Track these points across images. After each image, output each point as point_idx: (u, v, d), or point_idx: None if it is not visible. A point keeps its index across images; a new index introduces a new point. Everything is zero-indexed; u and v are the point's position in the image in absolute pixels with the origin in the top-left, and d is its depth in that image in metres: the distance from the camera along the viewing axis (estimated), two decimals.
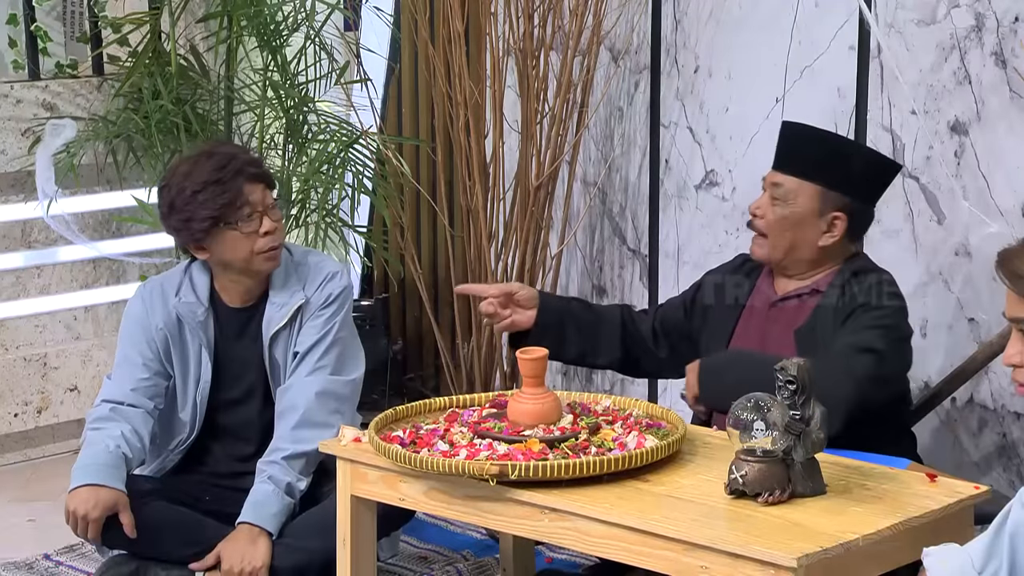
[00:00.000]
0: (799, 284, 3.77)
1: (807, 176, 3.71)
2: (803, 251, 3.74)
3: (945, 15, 4.19)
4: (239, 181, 3.85)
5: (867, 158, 3.81)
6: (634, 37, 4.95)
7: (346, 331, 4.00)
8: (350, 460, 3.47)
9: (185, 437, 4.01)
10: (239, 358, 4.01)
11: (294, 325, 3.97)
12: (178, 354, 3.99)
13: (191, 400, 3.99)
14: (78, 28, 5.47)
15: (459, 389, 5.12)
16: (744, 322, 3.82)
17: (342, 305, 3.99)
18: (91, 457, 3.81)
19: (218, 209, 3.82)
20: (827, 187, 3.70)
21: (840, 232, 3.71)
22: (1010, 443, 4.19)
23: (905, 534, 2.98)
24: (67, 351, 5.31)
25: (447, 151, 5.24)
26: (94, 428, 3.90)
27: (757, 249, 3.79)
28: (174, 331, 3.98)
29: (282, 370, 3.98)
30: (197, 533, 3.89)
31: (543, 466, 3.14)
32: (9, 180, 5.15)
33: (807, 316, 3.70)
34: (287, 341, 3.97)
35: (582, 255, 5.23)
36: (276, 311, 3.95)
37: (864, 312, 3.62)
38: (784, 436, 3.07)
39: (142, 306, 4.00)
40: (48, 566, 4.29)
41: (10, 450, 5.22)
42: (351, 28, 5.58)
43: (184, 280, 4.00)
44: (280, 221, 3.92)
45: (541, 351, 3.43)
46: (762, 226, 3.76)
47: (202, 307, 3.97)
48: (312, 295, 3.97)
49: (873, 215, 3.83)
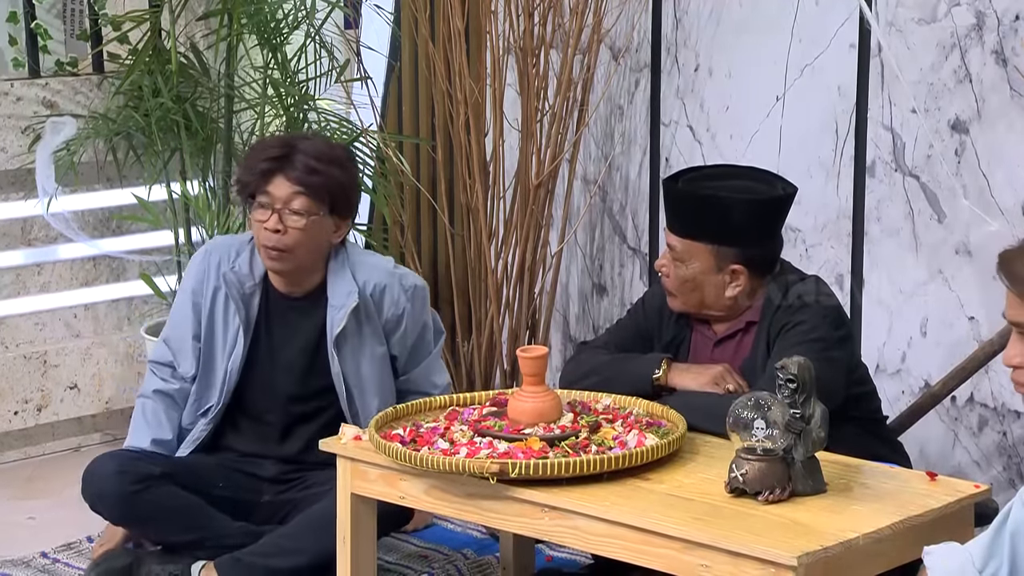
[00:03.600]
0: (733, 323, 3.70)
1: (695, 237, 3.63)
2: (714, 304, 3.67)
3: (945, 14, 4.19)
4: (269, 168, 3.86)
5: (747, 206, 3.64)
6: (634, 35, 4.95)
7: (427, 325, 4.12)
8: (350, 458, 3.47)
9: (215, 403, 4.01)
10: (278, 341, 4.01)
11: (359, 327, 3.98)
12: (221, 319, 4.00)
13: (223, 369, 4.00)
14: (78, 26, 5.46)
15: (459, 387, 5.12)
16: (693, 362, 3.73)
17: (421, 308, 4.06)
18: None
19: (242, 182, 3.94)
20: (718, 244, 3.62)
21: (744, 280, 3.64)
22: (1010, 442, 4.19)
23: (905, 533, 2.98)
24: (67, 349, 5.31)
25: (447, 149, 5.24)
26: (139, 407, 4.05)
27: (672, 303, 3.73)
28: (222, 298, 4.00)
29: (352, 371, 3.98)
30: (199, 520, 3.90)
31: (543, 464, 3.14)
32: (9, 178, 5.15)
33: (750, 348, 3.66)
34: (354, 343, 3.98)
35: (582, 253, 5.23)
36: (335, 313, 3.96)
37: (787, 331, 3.56)
38: (784, 434, 3.07)
39: (202, 264, 4.04)
40: (46, 563, 4.28)
41: (10, 448, 5.21)
42: (351, 26, 5.58)
43: (245, 250, 4.02)
44: (299, 229, 3.86)
45: (541, 349, 3.43)
46: (668, 285, 3.71)
47: (252, 281, 3.98)
48: (375, 301, 3.99)
49: (779, 246, 3.73)
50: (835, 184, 4.50)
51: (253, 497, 4.01)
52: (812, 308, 3.59)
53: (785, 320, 3.58)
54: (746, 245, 3.63)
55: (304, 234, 3.88)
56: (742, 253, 3.62)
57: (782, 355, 3.26)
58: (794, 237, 4.54)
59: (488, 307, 5.02)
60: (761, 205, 3.67)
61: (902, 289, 4.39)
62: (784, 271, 3.71)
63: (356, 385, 4.00)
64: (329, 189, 3.89)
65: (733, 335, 3.69)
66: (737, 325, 3.69)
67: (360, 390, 4.00)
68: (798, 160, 4.51)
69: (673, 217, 3.70)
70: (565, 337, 5.30)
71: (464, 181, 5.01)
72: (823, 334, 3.55)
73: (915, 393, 4.35)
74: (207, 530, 3.90)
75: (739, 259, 3.62)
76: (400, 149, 5.38)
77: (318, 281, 3.99)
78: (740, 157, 4.66)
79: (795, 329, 3.56)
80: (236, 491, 3.99)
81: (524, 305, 5.01)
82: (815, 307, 3.59)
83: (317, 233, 3.90)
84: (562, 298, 5.26)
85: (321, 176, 3.88)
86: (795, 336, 3.54)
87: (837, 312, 3.64)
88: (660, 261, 3.73)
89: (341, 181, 3.92)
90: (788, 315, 3.59)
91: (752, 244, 3.64)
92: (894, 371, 4.42)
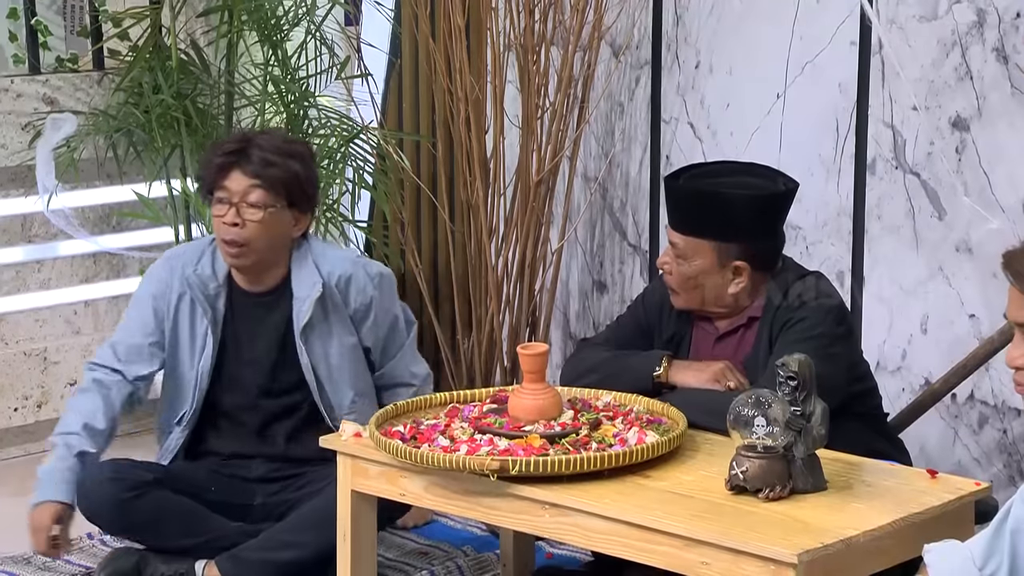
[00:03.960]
0: (735, 318, 3.70)
1: (698, 234, 3.62)
2: (717, 300, 3.67)
3: (946, 11, 4.19)
4: (225, 163, 3.87)
5: (749, 202, 3.65)
6: (635, 32, 4.94)
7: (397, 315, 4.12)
8: (351, 455, 3.47)
9: (188, 409, 4.01)
10: (246, 339, 4.01)
11: (325, 318, 3.98)
12: (186, 324, 4.00)
13: (193, 373, 4.00)
14: (78, 22, 5.46)
15: (459, 384, 5.12)
16: (694, 358, 3.74)
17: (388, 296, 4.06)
18: (49, 472, 3.91)
19: (200, 178, 3.96)
20: (720, 240, 3.62)
21: (746, 277, 3.64)
22: (1011, 439, 4.19)
23: (906, 530, 2.98)
24: (67, 346, 5.31)
25: (448, 146, 5.24)
26: (73, 396, 4.05)
27: (675, 300, 3.72)
28: (187, 301, 3.99)
29: (322, 363, 3.99)
30: (198, 524, 3.90)
31: (544, 462, 3.14)
32: (9, 174, 5.15)
33: (751, 345, 3.66)
34: (322, 334, 3.98)
35: (583, 250, 5.23)
36: (300, 305, 3.97)
37: (789, 328, 3.56)
38: (785, 432, 3.07)
39: (164, 271, 4.03)
40: (45, 560, 4.28)
41: (10, 444, 5.22)
42: (352, 23, 5.57)
43: (209, 249, 4.02)
44: (256, 222, 3.87)
45: (542, 346, 3.43)
46: (671, 282, 3.70)
47: (215, 282, 3.98)
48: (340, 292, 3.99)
49: (781, 242, 3.73)
50: (836, 181, 4.49)
51: (246, 500, 4.01)
52: (814, 305, 3.59)
53: (787, 317, 3.58)
54: (748, 241, 3.63)
55: (262, 227, 3.88)
56: (745, 249, 3.62)
57: (784, 352, 3.26)
58: (795, 234, 4.54)
59: (488, 304, 5.02)
60: (763, 201, 3.67)
61: (902, 286, 4.39)
62: (786, 268, 3.70)
63: (327, 376, 4.00)
64: (285, 182, 3.89)
65: (735, 331, 3.69)
66: (739, 321, 3.68)
67: (331, 381, 4.00)
68: (799, 157, 4.50)
69: (675, 214, 3.70)
70: (565, 334, 5.30)
71: (464, 178, 5.01)
72: (825, 331, 3.55)
73: (915, 391, 4.35)
74: (207, 534, 3.90)
75: (742, 255, 3.62)
76: (400, 146, 5.38)
77: (281, 276, 4.00)
78: (741, 154, 4.66)
79: (797, 326, 3.56)
80: (228, 495, 3.99)
81: (524, 302, 5.01)
82: (817, 304, 3.59)
83: (275, 226, 3.91)
84: (562, 295, 5.26)
85: (277, 168, 3.89)
86: (797, 333, 3.54)
87: (839, 309, 3.63)
88: (662, 258, 3.72)
89: (298, 174, 3.92)
90: (790, 312, 3.59)
91: (754, 240, 3.64)
92: (894, 369, 4.41)
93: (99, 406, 3.96)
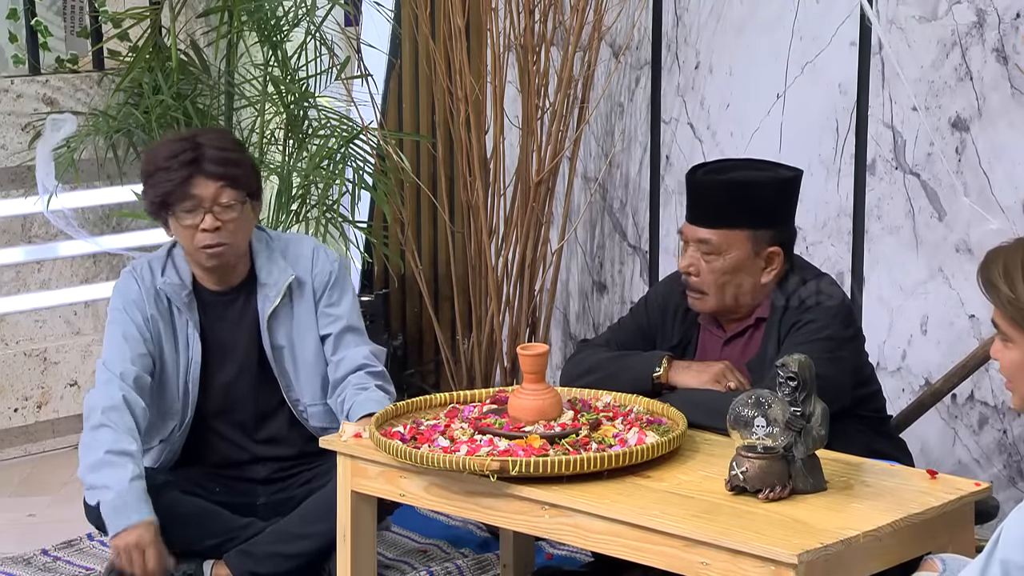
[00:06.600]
0: (744, 320, 3.69)
1: (732, 225, 3.60)
2: (747, 295, 3.64)
3: (946, 11, 4.19)
4: (186, 173, 3.84)
5: (775, 185, 3.67)
6: (635, 33, 4.94)
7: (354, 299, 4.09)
8: (350, 456, 3.47)
9: (178, 423, 4.01)
10: (226, 341, 4.01)
11: (292, 306, 3.98)
12: (168, 335, 3.99)
13: (181, 383, 3.99)
14: (78, 23, 5.46)
15: (459, 385, 5.12)
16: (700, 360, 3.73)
17: (345, 278, 4.05)
18: (120, 494, 3.73)
19: (159, 196, 3.87)
20: (754, 228, 3.60)
21: (780, 264, 3.64)
22: (1010, 440, 4.19)
23: (906, 530, 2.98)
24: (67, 346, 5.31)
25: (448, 147, 5.24)
26: (105, 425, 3.82)
27: (697, 304, 3.68)
28: (165, 313, 3.98)
29: (287, 352, 4.00)
30: (216, 524, 3.91)
31: (543, 462, 3.14)
32: (9, 175, 5.15)
33: (759, 346, 3.65)
34: (288, 323, 3.99)
35: (582, 251, 5.23)
36: (269, 291, 3.98)
37: (797, 330, 3.56)
38: (785, 432, 3.07)
39: (136, 285, 3.99)
40: (46, 561, 4.28)
41: (10, 445, 5.22)
42: (352, 23, 5.58)
43: (168, 261, 4.02)
44: (233, 221, 3.87)
45: (542, 347, 3.43)
46: (699, 284, 3.64)
47: (186, 288, 3.98)
48: (305, 274, 3.99)
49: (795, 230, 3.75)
50: (836, 182, 4.49)
51: (250, 499, 4.03)
52: (822, 307, 3.59)
53: (795, 319, 3.58)
54: (780, 225, 3.65)
55: (238, 224, 3.91)
56: (776, 235, 3.64)
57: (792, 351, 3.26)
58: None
59: (488, 305, 5.02)
60: (788, 183, 3.70)
61: (902, 287, 4.39)
62: (796, 267, 3.71)
63: (291, 364, 4.00)
64: (246, 175, 3.93)
65: (743, 332, 3.69)
66: (747, 322, 3.68)
67: (296, 370, 4.00)
68: (798, 158, 4.49)
69: (703, 209, 3.65)
70: (565, 335, 5.30)
71: (464, 178, 5.01)
72: (832, 333, 3.55)
73: (915, 391, 4.35)
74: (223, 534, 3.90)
75: (775, 240, 3.63)
76: (400, 146, 5.38)
77: (246, 271, 4.01)
78: (740, 154, 4.66)
79: (805, 328, 3.56)
80: (232, 495, 4.01)
81: (524, 303, 5.01)
82: (825, 306, 3.60)
83: (248, 220, 3.95)
84: (562, 296, 5.26)
85: (235, 165, 3.92)
86: (804, 335, 3.54)
87: (847, 311, 3.64)
88: (686, 261, 3.66)
89: (251, 163, 3.99)
90: (798, 313, 3.58)
91: (784, 223, 3.67)
92: (894, 369, 4.42)
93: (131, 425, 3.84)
